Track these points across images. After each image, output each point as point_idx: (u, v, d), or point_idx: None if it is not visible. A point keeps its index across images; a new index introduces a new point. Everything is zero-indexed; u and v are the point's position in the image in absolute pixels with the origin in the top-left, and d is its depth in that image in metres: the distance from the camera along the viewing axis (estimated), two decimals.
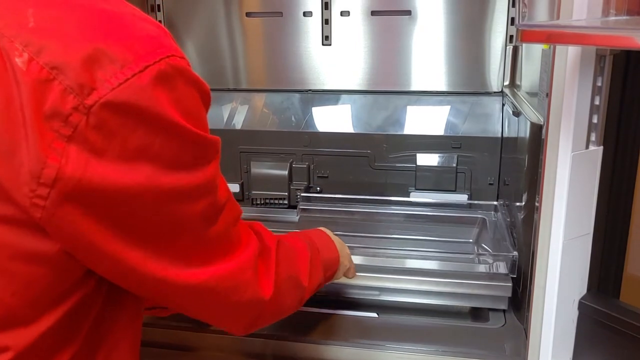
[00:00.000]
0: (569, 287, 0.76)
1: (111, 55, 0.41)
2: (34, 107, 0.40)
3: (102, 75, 0.41)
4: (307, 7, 1.27)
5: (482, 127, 1.23)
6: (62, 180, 0.41)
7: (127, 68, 0.41)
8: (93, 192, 0.42)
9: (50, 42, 0.40)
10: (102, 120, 0.41)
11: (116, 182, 0.42)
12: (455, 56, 1.24)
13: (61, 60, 0.40)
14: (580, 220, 0.75)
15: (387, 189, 1.28)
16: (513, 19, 1.19)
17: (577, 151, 0.71)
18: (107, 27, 0.42)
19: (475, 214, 1.18)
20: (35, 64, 0.40)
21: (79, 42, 0.41)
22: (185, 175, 0.46)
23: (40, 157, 0.40)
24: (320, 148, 1.29)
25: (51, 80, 0.40)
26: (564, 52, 0.67)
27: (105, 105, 0.41)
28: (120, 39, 0.42)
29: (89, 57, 0.40)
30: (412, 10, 1.22)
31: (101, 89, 0.41)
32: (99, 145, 0.41)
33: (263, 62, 1.35)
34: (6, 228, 0.43)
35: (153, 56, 0.43)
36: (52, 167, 0.40)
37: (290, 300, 0.69)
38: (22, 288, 0.45)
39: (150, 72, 0.42)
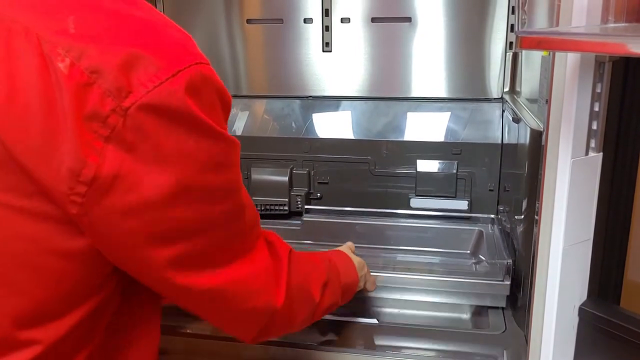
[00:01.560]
0: (569, 293, 0.76)
1: (146, 61, 0.43)
2: (75, 109, 0.42)
3: (137, 79, 0.43)
4: (308, 14, 1.28)
5: (482, 133, 1.23)
6: (100, 179, 0.43)
7: (161, 72, 0.43)
8: (126, 191, 0.44)
9: (90, 48, 0.42)
10: (138, 121, 0.43)
11: (149, 181, 0.44)
12: (455, 63, 1.25)
13: (100, 65, 0.42)
14: (580, 226, 0.75)
15: (387, 195, 1.28)
16: (513, 25, 1.19)
17: (576, 157, 0.71)
18: (142, 34, 0.45)
19: (473, 227, 1.19)
20: (77, 69, 0.42)
21: (116, 48, 0.43)
22: (213, 176, 0.49)
23: (80, 156, 0.42)
24: (321, 154, 1.29)
25: (91, 84, 0.42)
26: (564, 58, 0.68)
27: (141, 107, 0.43)
28: (154, 46, 0.44)
29: (126, 62, 0.43)
30: (412, 17, 1.23)
31: (137, 92, 0.43)
32: (135, 145, 0.43)
33: (264, 68, 1.35)
34: (41, 224, 0.45)
35: (183, 62, 0.45)
36: (91, 166, 0.42)
37: (301, 312, 0.69)
38: (53, 283, 0.47)
39: (182, 76, 0.44)
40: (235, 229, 0.54)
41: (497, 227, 1.17)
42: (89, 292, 0.50)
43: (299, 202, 1.28)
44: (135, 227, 0.46)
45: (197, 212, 0.49)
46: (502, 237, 1.11)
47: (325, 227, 1.24)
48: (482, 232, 1.17)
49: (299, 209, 1.28)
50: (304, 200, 1.28)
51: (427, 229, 1.21)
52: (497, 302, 0.97)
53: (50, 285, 0.47)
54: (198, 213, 0.49)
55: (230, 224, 0.53)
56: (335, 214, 1.27)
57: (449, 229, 1.21)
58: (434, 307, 1.01)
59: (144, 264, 0.49)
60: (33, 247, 0.46)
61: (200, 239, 0.50)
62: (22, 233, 0.45)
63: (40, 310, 0.48)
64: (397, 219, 1.25)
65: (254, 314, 0.61)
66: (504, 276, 0.95)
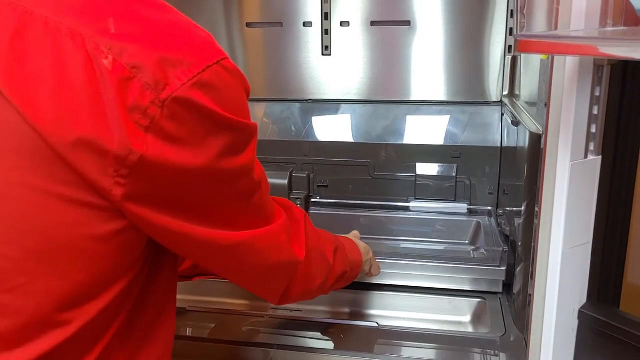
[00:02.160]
0: (568, 296, 0.76)
1: (180, 57, 0.48)
2: (119, 101, 0.46)
3: (173, 73, 0.47)
4: (307, 18, 1.28)
5: (482, 136, 1.23)
6: (142, 163, 0.47)
7: (193, 67, 0.48)
8: (164, 173, 0.49)
9: (130, 46, 0.47)
10: (174, 112, 0.48)
11: (183, 165, 0.49)
12: (455, 66, 1.25)
13: (139, 60, 0.47)
14: (579, 229, 0.75)
15: (386, 198, 1.28)
16: (512, 29, 1.19)
17: (575, 160, 0.71)
18: (174, 34, 0.50)
19: (471, 218, 1.22)
20: (119, 64, 0.46)
21: (153, 46, 0.48)
22: (235, 158, 0.55)
23: (127, 145, 0.46)
24: (320, 157, 1.30)
25: (132, 78, 0.46)
26: (562, 62, 0.68)
27: (176, 99, 0.47)
28: (185, 44, 0.50)
29: (162, 58, 0.47)
30: (411, 21, 1.23)
31: (173, 85, 0.47)
32: (171, 133, 0.48)
33: (263, 72, 1.36)
34: (82, 210, 0.48)
35: (212, 58, 0.50)
36: (136, 153, 0.47)
37: (318, 272, 0.77)
38: (93, 266, 0.51)
39: (211, 71, 0.50)
40: (252, 199, 0.60)
41: (494, 219, 1.19)
42: (123, 272, 0.54)
43: (298, 204, 1.28)
44: (166, 205, 0.52)
45: (219, 189, 0.55)
46: (498, 229, 1.14)
47: (330, 220, 1.25)
48: (480, 223, 1.19)
49: None
50: (304, 203, 1.28)
51: (428, 221, 1.24)
52: (493, 287, 1.02)
53: (90, 268, 0.51)
54: (219, 190, 0.55)
55: (246, 195, 0.59)
56: (339, 207, 1.29)
57: (448, 221, 1.23)
58: (434, 310, 1.02)
59: (177, 235, 0.55)
60: (75, 232, 0.49)
61: (222, 209, 0.57)
62: (65, 219, 0.48)
63: (79, 292, 0.51)
64: (398, 212, 1.27)
65: (279, 269, 0.68)
66: (500, 262, 1.00)
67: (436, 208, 1.25)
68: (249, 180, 0.59)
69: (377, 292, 1.04)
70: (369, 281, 1.04)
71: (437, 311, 1.02)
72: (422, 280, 1.03)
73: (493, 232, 1.13)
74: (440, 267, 1.02)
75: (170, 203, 0.52)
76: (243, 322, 0.95)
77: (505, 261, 1.00)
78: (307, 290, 0.76)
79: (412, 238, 1.21)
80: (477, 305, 1.01)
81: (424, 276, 1.03)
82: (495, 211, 1.22)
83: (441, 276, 1.03)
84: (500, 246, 1.04)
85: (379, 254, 1.04)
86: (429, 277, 1.03)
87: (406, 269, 1.03)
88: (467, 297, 1.02)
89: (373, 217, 1.25)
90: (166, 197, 0.52)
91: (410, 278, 1.04)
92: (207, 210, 0.56)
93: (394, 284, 1.04)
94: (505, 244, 1.04)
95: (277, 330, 0.93)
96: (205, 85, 0.49)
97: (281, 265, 0.68)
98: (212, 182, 0.54)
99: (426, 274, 1.03)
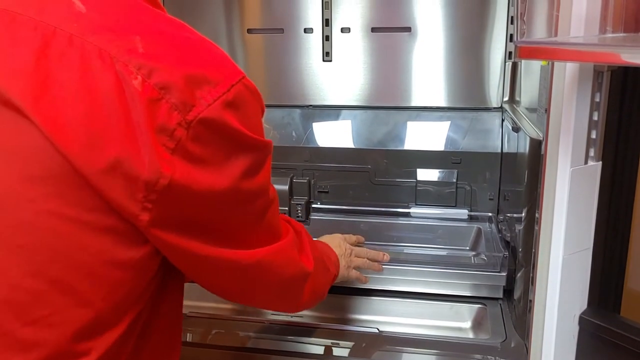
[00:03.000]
0: (569, 302, 0.76)
1: (206, 77, 0.47)
2: (148, 124, 0.45)
3: (199, 94, 0.47)
4: (308, 24, 1.28)
5: (482, 142, 1.23)
6: (171, 187, 0.46)
7: (219, 87, 0.48)
8: (190, 196, 0.48)
9: (158, 65, 0.46)
10: (199, 133, 0.47)
11: (208, 186, 0.49)
12: (455, 72, 1.25)
13: (167, 81, 0.46)
14: (580, 235, 0.75)
15: (387, 204, 1.28)
16: (512, 35, 1.20)
17: (576, 166, 0.71)
18: (199, 53, 0.49)
19: (472, 224, 1.22)
20: (148, 85, 0.45)
21: (180, 66, 0.47)
22: (255, 178, 0.55)
23: (157, 169, 0.45)
24: (321, 163, 1.30)
25: (160, 99, 0.45)
26: (562, 68, 0.68)
27: (203, 120, 0.47)
28: (211, 63, 0.49)
29: (189, 78, 0.46)
30: (412, 27, 1.24)
31: (199, 105, 0.47)
32: (196, 154, 0.47)
33: (264, 78, 1.36)
34: (105, 236, 0.48)
35: (235, 77, 0.50)
36: (166, 177, 0.46)
37: (323, 279, 0.81)
38: (111, 292, 0.50)
39: (235, 90, 0.49)
40: (266, 217, 0.60)
41: (495, 225, 1.19)
42: (138, 297, 0.53)
43: (299, 211, 1.28)
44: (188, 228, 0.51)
45: (239, 208, 0.55)
46: (499, 235, 1.14)
47: (330, 226, 1.25)
48: (481, 229, 1.19)
49: (299, 217, 1.28)
50: (304, 209, 1.29)
51: (428, 227, 1.23)
52: (493, 292, 1.02)
53: (111, 296, 0.50)
54: (240, 209, 0.55)
55: (261, 214, 0.59)
56: (340, 212, 1.29)
57: (449, 227, 1.23)
58: (434, 316, 1.02)
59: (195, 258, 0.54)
60: (99, 259, 0.48)
61: (239, 229, 0.57)
62: (90, 246, 0.47)
63: (99, 321, 0.50)
64: (399, 218, 1.27)
65: (293, 282, 0.69)
66: (500, 268, 1.00)
67: (437, 214, 1.25)
68: (266, 198, 0.60)
69: (377, 298, 1.04)
70: (371, 287, 1.03)
71: (437, 317, 1.02)
72: (422, 286, 1.03)
73: (494, 238, 1.13)
74: (440, 272, 1.02)
75: (193, 226, 0.51)
76: (244, 328, 0.95)
77: (506, 267, 1.00)
78: (316, 293, 0.78)
79: (412, 244, 1.21)
80: (478, 311, 1.01)
81: (425, 282, 1.03)
82: (496, 217, 1.22)
83: (442, 282, 1.03)
84: (500, 252, 1.03)
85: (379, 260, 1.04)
86: (430, 282, 1.03)
87: (407, 274, 1.03)
88: (468, 303, 1.02)
89: (374, 223, 1.25)
90: (190, 220, 0.51)
91: (411, 284, 1.04)
92: (228, 231, 0.55)
93: (394, 289, 1.04)
94: (506, 250, 1.04)
95: (278, 336, 0.93)
96: (230, 105, 0.48)
97: (295, 278, 0.69)
98: (235, 202, 0.53)
99: (427, 279, 1.03)
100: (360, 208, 1.28)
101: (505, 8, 1.19)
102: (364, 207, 1.28)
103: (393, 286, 1.04)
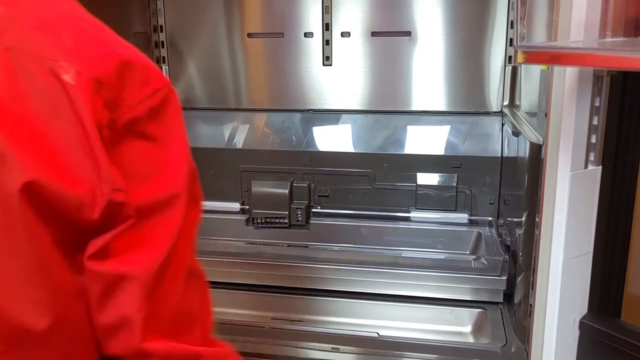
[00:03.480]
0: (569, 307, 0.76)
1: (133, 77, 0.46)
2: (91, 118, 0.43)
3: (126, 94, 0.45)
4: (308, 28, 1.29)
5: (482, 146, 1.23)
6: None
7: (145, 89, 0.47)
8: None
9: (88, 60, 0.44)
10: (125, 132, 0.45)
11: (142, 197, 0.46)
12: (455, 76, 1.25)
13: (99, 75, 0.44)
14: (580, 240, 0.75)
15: (387, 208, 1.28)
16: (512, 39, 1.20)
17: (576, 170, 0.71)
18: (129, 54, 0.47)
19: (472, 229, 1.22)
20: (83, 77, 0.43)
21: (110, 61, 0.45)
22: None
23: (109, 167, 0.44)
24: (321, 167, 1.30)
25: (96, 91, 0.43)
26: (562, 72, 0.68)
27: (128, 121, 0.45)
28: (139, 65, 0.47)
29: (119, 76, 0.45)
30: (412, 32, 1.24)
31: (125, 106, 0.45)
32: (122, 152, 0.45)
33: (264, 82, 1.36)
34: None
35: (160, 81, 0.48)
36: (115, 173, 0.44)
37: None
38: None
39: (159, 94, 0.48)
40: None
41: (495, 229, 1.19)
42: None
43: (299, 214, 1.28)
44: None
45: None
46: (499, 239, 1.14)
47: (332, 230, 1.26)
48: (481, 233, 1.19)
49: (299, 221, 1.28)
50: (305, 213, 1.29)
51: (429, 231, 1.24)
52: (494, 297, 1.01)
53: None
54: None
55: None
56: (340, 217, 1.29)
57: (449, 231, 1.23)
58: (435, 320, 1.01)
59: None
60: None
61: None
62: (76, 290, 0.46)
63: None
64: (399, 222, 1.27)
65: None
66: (500, 272, 1.00)
67: (437, 218, 1.25)
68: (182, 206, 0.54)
69: (377, 302, 1.04)
70: (371, 291, 1.03)
71: (437, 321, 1.02)
72: (422, 290, 1.03)
73: (494, 243, 1.13)
74: (440, 276, 1.02)
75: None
76: (244, 333, 0.95)
77: (506, 271, 1.00)
78: None
79: (412, 248, 1.21)
80: (478, 315, 1.01)
81: (425, 286, 1.03)
82: (496, 221, 1.22)
83: (442, 286, 1.02)
84: (501, 256, 1.03)
85: (380, 264, 1.05)
86: (430, 286, 1.03)
87: (407, 278, 1.03)
88: (468, 307, 1.02)
89: (374, 227, 1.25)
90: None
91: (411, 288, 1.03)
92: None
93: (394, 293, 1.04)
94: (506, 254, 1.04)
95: (279, 341, 0.92)
96: (155, 108, 0.47)
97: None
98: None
99: (427, 283, 1.03)
100: (360, 212, 1.28)
101: (505, 12, 1.19)
102: (364, 211, 1.28)
103: (393, 290, 1.04)
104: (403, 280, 1.03)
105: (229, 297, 1.07)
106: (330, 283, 1.05)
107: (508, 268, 1.00)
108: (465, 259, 1.15)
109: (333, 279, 1.05)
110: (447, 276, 1.02)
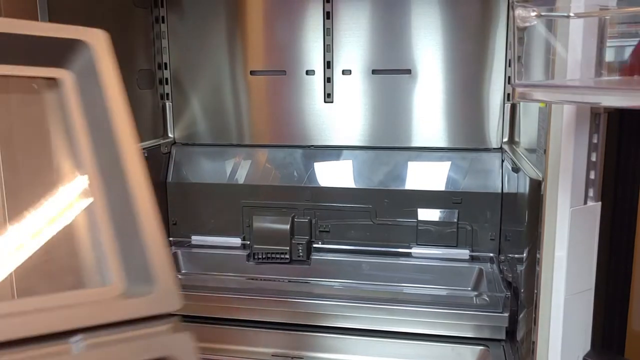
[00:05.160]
0: (572, 344, 0.76)
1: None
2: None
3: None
4: (310, 66, 1.31)
5: (483, 182, 1.24)
6: None
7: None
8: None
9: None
10: None
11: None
12: (455, 113, 1.27)
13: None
14: (581, 276, 0.75)
15: (388, 244, 1.28)
16: (510, 77, 1.22)
17: (575, 207, 0.71)
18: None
19: (473, 265, 1.21)
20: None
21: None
22: None
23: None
24: (322, 203, 1.30)
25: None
26: (560, 109, 0.69)
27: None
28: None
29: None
30: (412, 69, 1.26)
31: None
32: None
33: (266, 118, 1.38)
34: None
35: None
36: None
37: None
38: None
39: None
40: None
41: (496, 265, 1.19)
42: None
43: (300, 250, 1.28)
44: None
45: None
46: (501, 275, 1.14)
47: (333, 265, 1.25)
48: (482, 270, 1.19)
49: (300, 257, 1.28)
50: (306, 248, 1.28)
51: (430, 267, 1.23)
52: (496, 333, 1.00)
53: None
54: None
55: None
56: (341, 252, 1.29)
57: (450, 267, 1.22)
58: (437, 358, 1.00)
59: None
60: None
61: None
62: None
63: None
64: (400, 258, 1.26)
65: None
66: (502, 308, 0.99)
67: (438, 254, 1.24)
68: None
69: (379, 339, 1.03)
70: (370, 327, 1.03)
71: (439, 358, 1.00)
72: (423, 327, 1.02)
73: (495, 279, 1.12)
74: (442, 313, 1.01)
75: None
76: None
77: (508, 307, 0.99)
78: None
79: (413, 284, 1.20)
80: (480, 353, 1.00)
81: (426, 322, 1.02)
82: (497, 257, 1.21)
83: (443, 322, 1.02)
84: (502, 292, 1.03)
85: (380, 300, 1.04)
86: (431, 323, 1.02)
87: (408, 315, 1.02)
88: (470, 345, 1.01)
89: (375, 263, 1.25)
90: None
91: (412, 324, 1.02)
92: None
93: (396, 330, 1.03)
94: (508, 290, 1.03)
95: None
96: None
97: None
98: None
99: (428, 320, 1.02)
100: (361, 248, 1.28)
101: (504, 51, 1.22)
102: (365, 247, 1.28)
103: (394, 327, 1.03)
104: (404, 317, 1.03)
105: (229, 333, 1.06)
106: (331, 319, 1.05)
107: (510, 305, 0.99)
108: (467, 295, 1.14)
109: (334, 315, 1.04)
110: (449, 312, 1.01)
